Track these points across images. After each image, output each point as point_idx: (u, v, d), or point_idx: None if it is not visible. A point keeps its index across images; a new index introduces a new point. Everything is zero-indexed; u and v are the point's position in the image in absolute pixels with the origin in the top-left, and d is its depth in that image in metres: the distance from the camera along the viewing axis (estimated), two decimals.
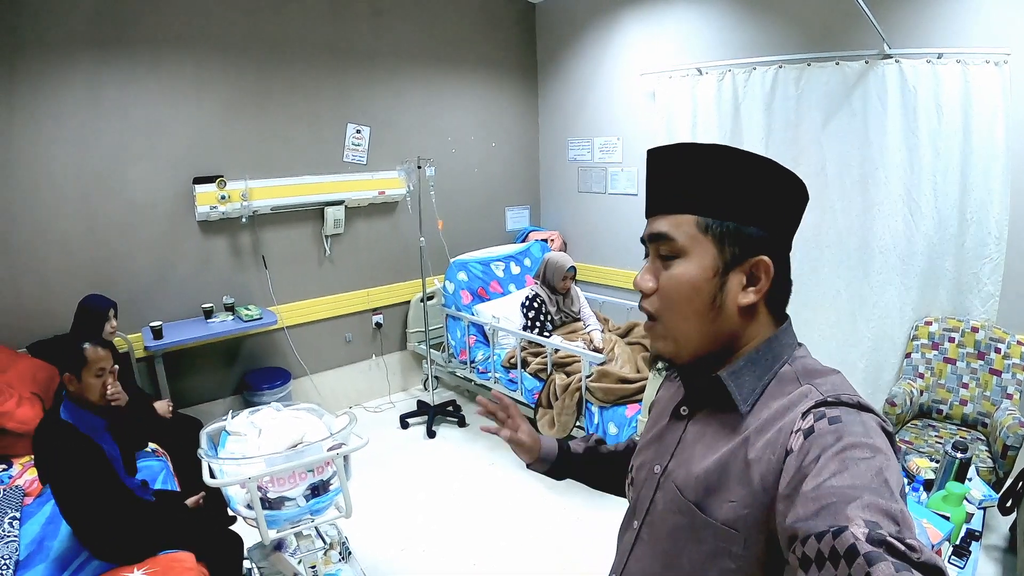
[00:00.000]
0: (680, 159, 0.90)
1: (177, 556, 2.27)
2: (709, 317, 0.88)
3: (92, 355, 2.28)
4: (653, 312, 0.91)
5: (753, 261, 0.87)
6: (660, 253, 0.90)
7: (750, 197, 0.87)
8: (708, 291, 0.87)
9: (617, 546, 1.06)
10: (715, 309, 0.87)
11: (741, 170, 0.87)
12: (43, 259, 3.53)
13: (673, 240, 0.88)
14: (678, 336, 0.90)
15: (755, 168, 0.88)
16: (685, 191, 0.89)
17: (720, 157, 0.87)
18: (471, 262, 4.98)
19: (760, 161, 0.87)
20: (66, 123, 3.50)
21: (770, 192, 0.88)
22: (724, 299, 0.87)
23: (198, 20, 3.86)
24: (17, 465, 2.90)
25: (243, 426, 2.49)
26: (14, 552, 2.26)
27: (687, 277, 0.87)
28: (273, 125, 4.27)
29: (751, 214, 0.87)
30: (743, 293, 0.88)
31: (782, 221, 0.90)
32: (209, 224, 4.08)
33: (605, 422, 3.61)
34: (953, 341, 3.57)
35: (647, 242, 0.93)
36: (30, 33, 3.33)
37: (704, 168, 0.88)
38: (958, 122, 3.41)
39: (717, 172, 0.87)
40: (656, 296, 0.90)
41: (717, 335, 0.89)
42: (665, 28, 4.72)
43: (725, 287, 0.87)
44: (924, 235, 3.61)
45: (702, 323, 0.88)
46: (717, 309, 0.87)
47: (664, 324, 0.91)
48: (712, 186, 0.87)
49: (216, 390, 4.31)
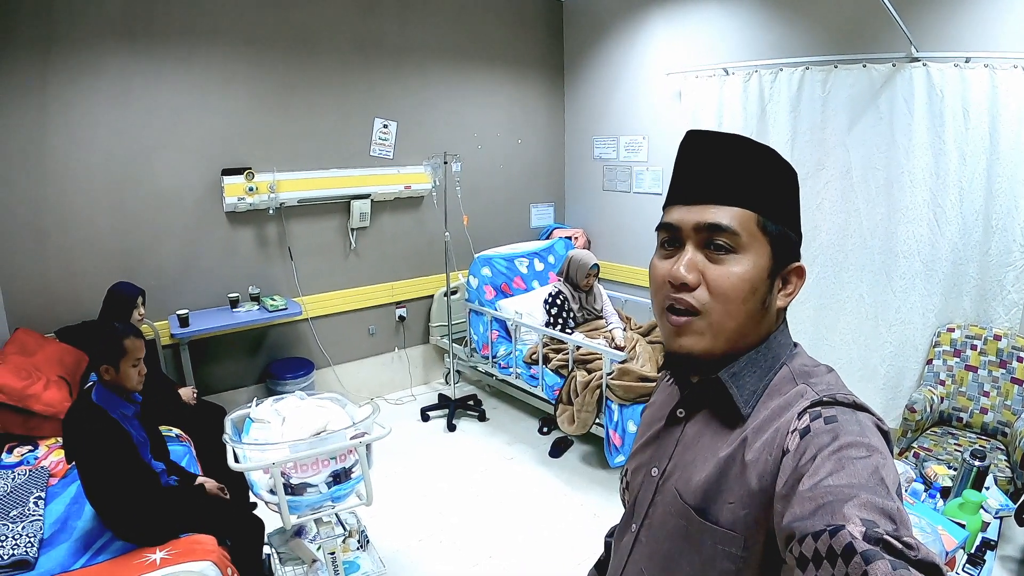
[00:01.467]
0: (737, 151, 0.87)
1: (198, 538, 2.33)
2: (756, 318, 0.87)
3: (131, 346, 2.36)
4: (698, 307, 0.85)
5: (794, 266, 0.89)
6: (714, 244, 0.85)
7: (794, 203, 0.89)
8: (763, 292, 0.86)
9: (614, 550, 1.06)
10: (763, 310, 0.87)
11: (787, 175, 0.89)
12: (72, 247, 3.62)
13: (737, 234, 0.84)
14: (719, 334, 0.85)
15: (793, 175, 0.89)
16: (747, 185, 0.86)
17: (774, 159, 0.87)
18: (495, 258, 5.01)
19: (793, 169, 0.89)
20: (97, 114, 3.59)
21: (797, 199, 0.91)
22: (772, 301, 0.87)
23: (227, 14, 3.93)
24: (43, 447, 2.98)
25: (267, 413, 2.53)
26: (38, 531, 2.32)
27: (749, 276, 0.84)
28: (301, 119, 4.33)
29: (794, 219, 0.90)
30: (780, 296, 0.89)
31: (800, 227, 0.92)
32: (237, 215, 4.15)
33: (624, 420, 3.63)
34: (975, 349, 3.53)
35: (690, 230, 0.87)
36: (63, 26, 3.42)
37: (762, 167, 0.87)
38: (985, 127, 3.37)
39: (773, 173, 0.87)
40: (704, 291, 0.85)
41: (752, 336, 0.88)
42: (692, 28, 4.70)
43: (772, 290, 0.87)
44: (948, 241, 3.58)
45: (749, 323, 0.86)
46: (764, 311, 0.87)
47: (709, 321, 0.85)
48: (770, 186, 0.87)
49: (240, 378, 4.39)
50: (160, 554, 2.23)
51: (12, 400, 2.88)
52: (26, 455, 2.91)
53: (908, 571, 0.54)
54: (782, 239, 0.87)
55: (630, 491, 1.03)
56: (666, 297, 0.88)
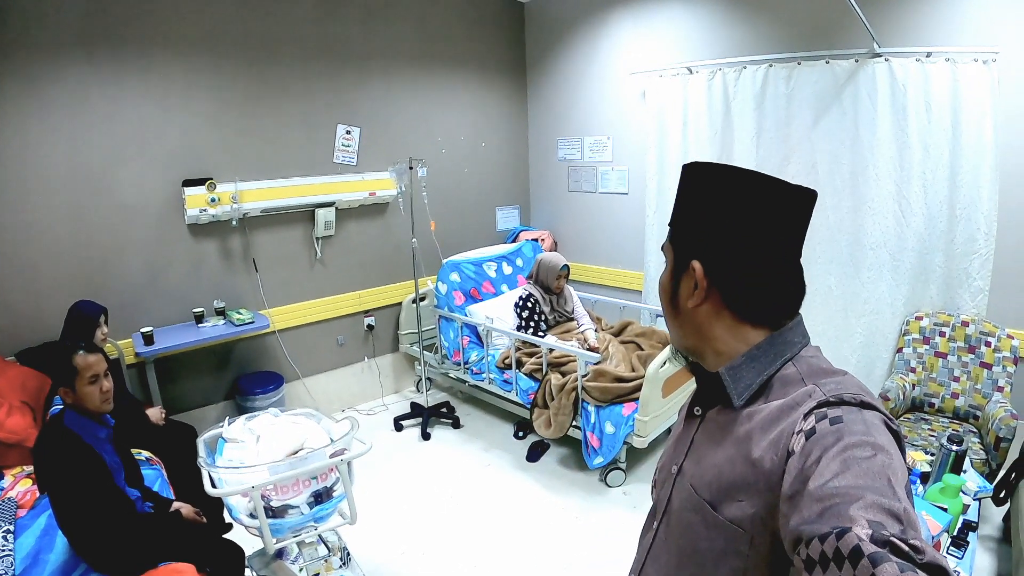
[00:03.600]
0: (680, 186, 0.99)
1: (177, 567, 2.23)
2: (677, 319, 0.98)
3: (82, 363, 2.24)
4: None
5: (690, 267, 0.92)
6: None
7: (692, 201, 0.95)
8: (669, 294, 0.98)
9: (638, 546, 1.08)
10: (675, 311, 0.97)
11: (691, 178, 0.95)
12: (32, 264, 3.47)
13: (664, 251, 1.00)
14: (671, 334, 1.02)
15: (697, 173, 0.95)
16: (675, 219, 0.99)
17: (685, 173, 0.96)
18: (464, 263, 4.97)
19: (702, 168, 0.94)
20: (55, 125, 3.45)
21: (709, 198, 0.92)
22: (678, 301, 0.96)
23: (188, 21, 3.82)
24: (8, 476, 2.83)
25: (240, 432, 2.46)
26: (9, 567, 2.21)
27: (661, 282, 1.00)
28: (263, 127, 4.23)
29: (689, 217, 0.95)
30: (691, 297, 0.93)
31: (723, 226, 0.90)
32: (199, 227, 4.04)
33: (602, 421, 3.62)
34: (944, 335, 3.61)
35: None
36: (17, 33, 3.27)
37: (681, 184, 0.98)
38: (947, 120, 3.45)
39: (682, 187, 0.97)
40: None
41: (690, 333, 0.96)
42: (655, 27, 4.73)
43: (678, 291, 0.95)
44: (914, 231, 3.66)
45: (675, 323, 0.99)
46: (676, 311, 0.97)
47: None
48: (678, 200, 0.98)
49: (208, 395, 4.27)
50: None
51: None
52: None
53: (915, 573, 0.54)
54: (678, 240, 0.96)
55: (655, 488, 1.07)
56: None
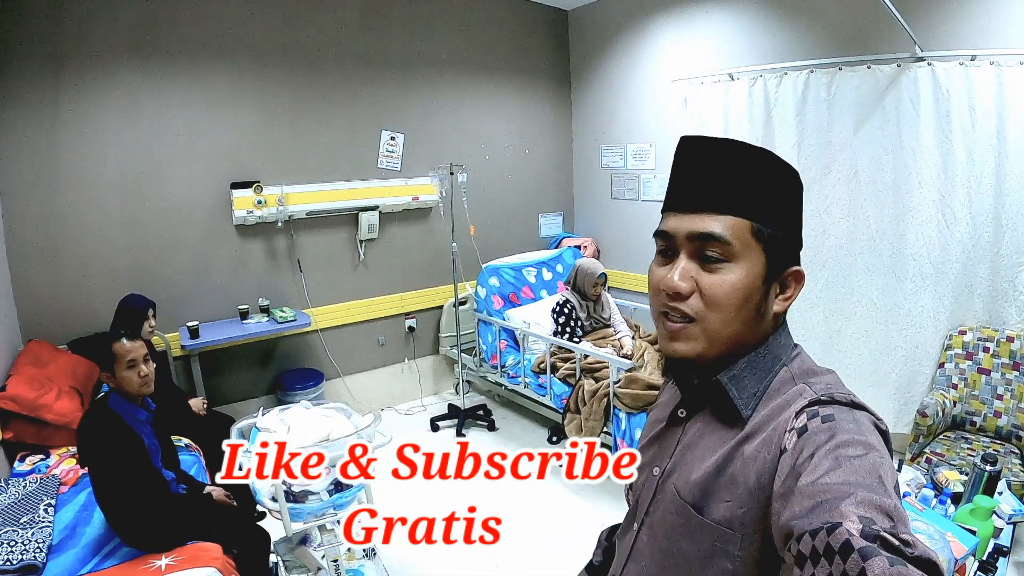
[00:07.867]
0: (731, 157, 0.86)
1: (204, 546, 2.34)
2: (751, 324, 0.87)
3: (120, 349, 2.37)
4: (693, 315, 0.86)
5: (792, 271, 0.89)
6: (706, 254, 0.85)
7: (792, 205, 0.89)
8: (757, 299, 0.86)
9: (617, 548, 1.08)
10: (759, 316, 0.87)
11: (786, 178, 0.88)
12: (85, 260, 3.67)
13: (729, 245, 0.84)
14: (713, 340, 0.86)
15: (793, 177, 0.88)
16: (740, 192, 0.85)
17: (770, 162, 0.86)
18: (503, 267, 5.02)
19: (793, 170, 0.88)
20: (107, 129, 3.65)
21: (798, 202, 0.90)
22: (767, 307, 0.87)
23: (235, 29, 3.99)
24: (55, 455, 3.03)
25: (273, 423, 2.54)
26: (47, 536, 2.35)
27: (742, 284, 0.84)
28: (308, 132, 4.38)
29: (793, 224, 0.89)
30: (777, 301, 0.89)
31: (801, 230, 0.92)
32: (246, 228, 4.19)
33: (632, 428, 3.61)
34: (988, 351, 3.48)
35: (683, 239, 0.88)
36: (73, 42, 3.48)
37: (757, 171, 0.86)
38: (992, 125, 3.33)
39: (768, 177, 0.86)
40: (697, 299, 0.86)
41: (749, 339, 0.88)
42: (696, 34, 4.71)
43: (768, 295, 0.87)
44: (958, 242, 3.53)
45: (744, 329, 0.87)
46: (760, 316, 0.87)
47: (704, 327, 0.86)
48: (765, 191, 0.86)
49: (250, 389, 4.42)
50: (165, 560, 2.24)
51: (25, 410, 2.93)
52: (38, 464, 2.96)
53: (905, 567, 0.54)
54: (778, 244, 0.86)
55: (633, 490, 1.05)
56: (662, 304, 0.89)
